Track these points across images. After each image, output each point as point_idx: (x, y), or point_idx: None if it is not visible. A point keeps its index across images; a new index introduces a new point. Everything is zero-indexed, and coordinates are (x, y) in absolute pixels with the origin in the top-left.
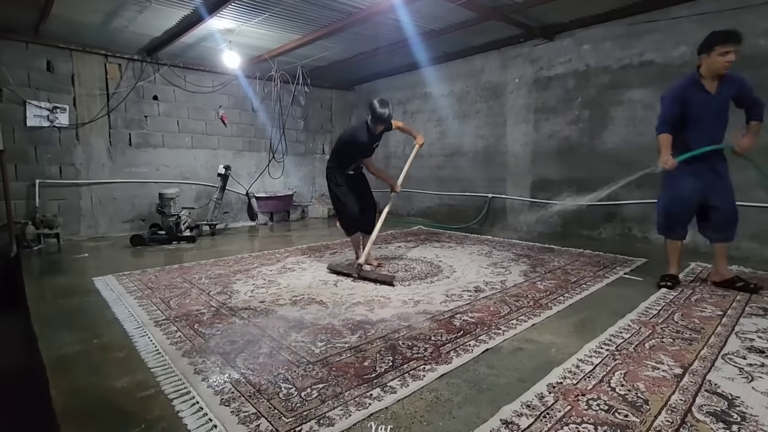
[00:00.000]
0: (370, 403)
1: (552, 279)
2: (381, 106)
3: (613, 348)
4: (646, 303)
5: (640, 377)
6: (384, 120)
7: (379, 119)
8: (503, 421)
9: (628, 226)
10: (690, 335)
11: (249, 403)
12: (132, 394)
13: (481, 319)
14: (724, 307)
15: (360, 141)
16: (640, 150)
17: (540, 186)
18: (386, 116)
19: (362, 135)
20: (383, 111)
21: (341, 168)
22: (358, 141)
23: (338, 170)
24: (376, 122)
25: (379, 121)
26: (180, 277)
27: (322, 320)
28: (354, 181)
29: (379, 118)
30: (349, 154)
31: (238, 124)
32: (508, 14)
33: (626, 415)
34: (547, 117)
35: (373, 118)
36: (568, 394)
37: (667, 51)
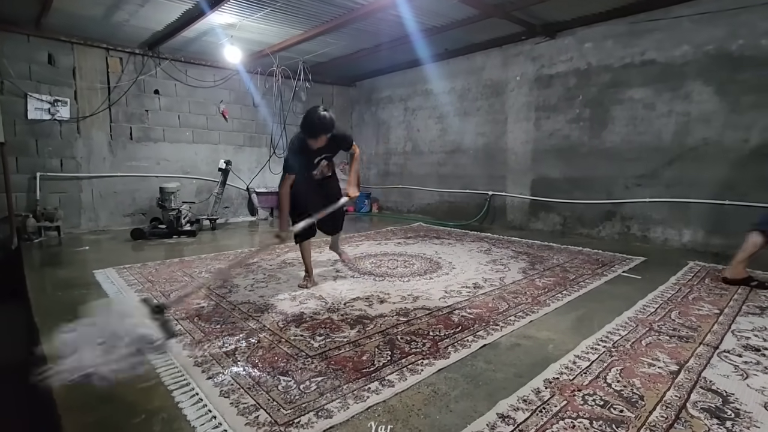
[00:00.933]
0: (368, 396)
1: (551, 276)
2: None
3: (610, 345)
4: (644, 301)
5: (636, 374)
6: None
7: (306, 131)
8: (500, 415)
9: (627, 224)
10: (687, 333)
11: (248, 395)
12: (132, 385)
13: (479, 315)
14: (721, 306)
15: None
16: (640, 149)
17: (540, 184)
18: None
19: (298, 150)
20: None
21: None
22: (291, 150)
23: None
24: (305, 134)
25: (307, 134)
26: (180, 270)
27: (321, 315)
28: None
29: (305, 129)
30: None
31: (239, 119)
32: (510, 12)
33: (621, 410)
34: (548, 115)
35: (302, 129)
36: (564, 390)
37: (669, 50)
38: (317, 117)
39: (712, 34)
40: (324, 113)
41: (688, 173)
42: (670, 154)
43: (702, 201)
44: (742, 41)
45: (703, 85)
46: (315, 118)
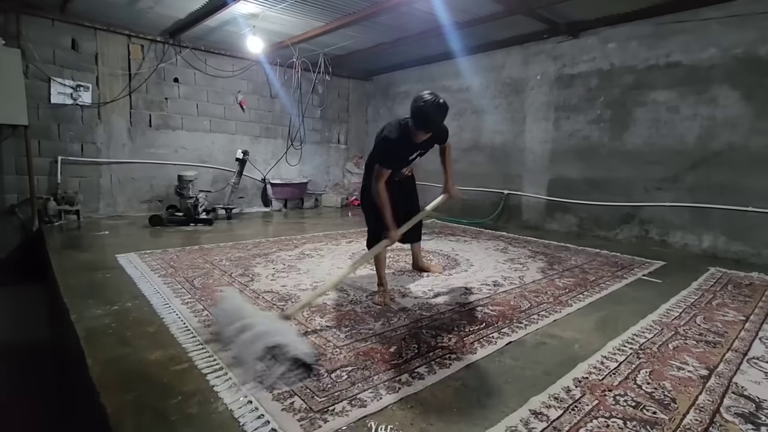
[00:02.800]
0: (399, 387)
1: (570, 277)
2: (429, 106)
3: (636, 347)
4: (666, 305)
5: (666, 376)
6: (427, 126)
7: (421, 123)
8: (532, 412)
9: (645, 228)
10: (713, 338)
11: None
12: (166, 367)
13: (502, 313)
14: (746, 313)
15: (389, 144)
16: (662, 152)
17: (557, 184)
18: (432, 122)
19: (397, 140)
20: (429, 113)
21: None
22: (387, 144)
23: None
24: (418, 127)
25: (421, 127)
26: (201, 258)
27: (344, 307)
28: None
29: (420, 121)
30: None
31: (256, 110)
32: (535, 9)
33: (654, 412)
34: (568, 115)
35: (415, 120)
36: (595, 389)
37: (695, 53)
38: (436, 105)
39: (741, 38)
40: (442, 101)
41: (711, 178)
42: (694, 158)
43: (725, 207)
44: None
45: (729, 89)
46: (434, 106)
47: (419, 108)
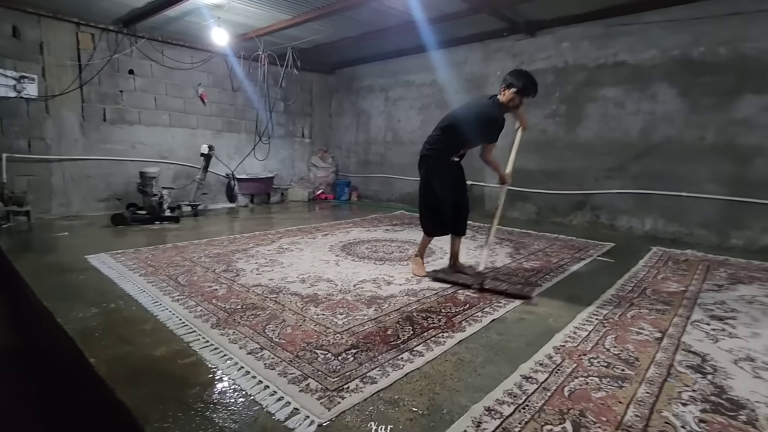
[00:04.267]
0: (403, 364)
1: (536, 260)
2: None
3: (601, 317)
4: (620, 281)
5: (628, 340)
6: (535, 93)
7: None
8: (523, 377)
9: (596, 213)
10: (662, 307)
11: (292, 366)
12: (174, 361)
13: (482, 294)
14: (686, 284)
15: (500, 121)
16: (610, 144)
17: (517, 175)
18: (537, 89)
19: (500, 114)
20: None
21: (448, 153)
22: (499, 121)
23: (441, 157)
24: (526, 95)
25: (531, 94)
26: (178, 255)
27: (335, 296)
28: (454, 172)
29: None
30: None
31: (217, 103)
32: (499, 9)
33: (623, 369)
34: (526, 110)
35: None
36: (572, 354)
37: (639, 53)
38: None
39: (678, 41)
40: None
41: (652, 167)
42: (637, 150)
43: (663, 193)
44: (703, 48)
45: (668, 87)
46: (532, 76)
47: (524, 77)
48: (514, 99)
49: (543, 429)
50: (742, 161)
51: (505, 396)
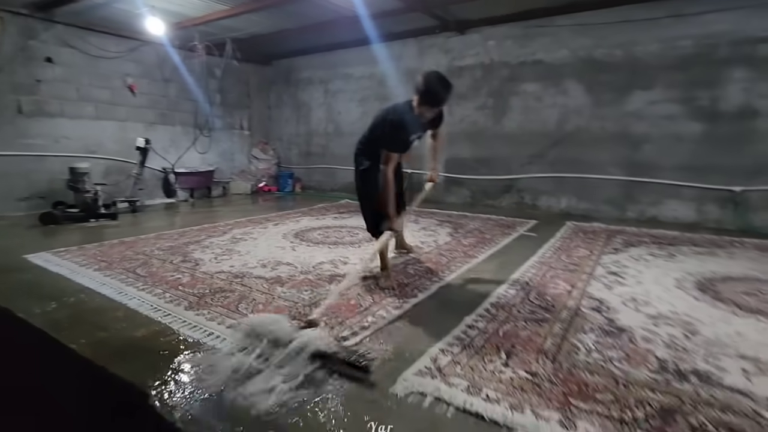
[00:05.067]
0: (368, 325)
1: (472, 237)
2: (440, 84)
3: (526, 279)
4: (542, 250)
5: (547, 293)
6: (438, 103)
7: (433, 100)
8: (467, 325)
9: (521, 195)
10: (573, 267)
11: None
12: (156, 339)
13: (428, 268)
14: (591, 249)
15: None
16: (531, 134)
17: (453, 163)
18: (443, 99)
19: (406, 122)
20: (441, 90)
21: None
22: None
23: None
24: (426, 104)
25: (432, 103)
26: (129, 250)
27: (297, 276)
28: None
29: (434, 98)
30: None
31: (148, 94)
32: (431, 8)
33: (543, 314)
34: (458, 103)
35: (425, 97)
36: (504, 307)
37: (553, 53)
38: (444, 80)
39: (584, 43)
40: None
41: (566, 154)
42: (554, 138)
43: (575, 175)
44: (603, 50)
45: (576, 83)
46: (443, 81)
47: (429, 82)
48: (421, 107)
49: (485, 359)
50: (634, 147)
51: (454, 340)
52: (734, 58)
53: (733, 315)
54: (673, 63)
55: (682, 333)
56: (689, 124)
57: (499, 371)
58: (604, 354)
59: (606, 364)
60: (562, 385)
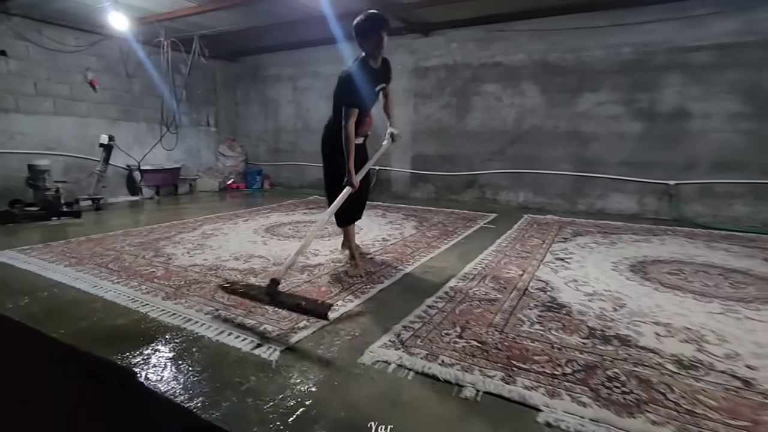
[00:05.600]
0: (338, 308)
1: (436, 230)
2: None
3: (483, 266)
4: (499, 240)
5: (501, 278)
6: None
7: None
8: (428, 306)
9: (483, 190)
10: (525, 255)
11: (247, 319)
12: (137, 326)
13: (394, 257)
14: (543, 239)
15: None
16: (492, 132)
17: (418, 160)
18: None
19: (359, 72)
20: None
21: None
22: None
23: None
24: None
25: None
26: (98, 247)
27: (270, 267)
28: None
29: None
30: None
31: (111, 90)
32: (396, 11)
33: (495, 295)
34: (424, 101)
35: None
36: (462, 290)
37: (511, 56)
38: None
39: (538, 47)
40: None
41: (523, 151)
42: (512, 136)
43: (531, 171)
44: (556, 54)
45: (532, 85)
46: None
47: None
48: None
49: (442, 332)
50: (584, 145)
51: (416, 318)
52: (669, 65)
53: (656, 291)
54: (616, 68)
55: (612, 307)
56: (631, 123)
57: (453, 342)
58: (545, 325)
59: (545, 333)
60: (506, 351)
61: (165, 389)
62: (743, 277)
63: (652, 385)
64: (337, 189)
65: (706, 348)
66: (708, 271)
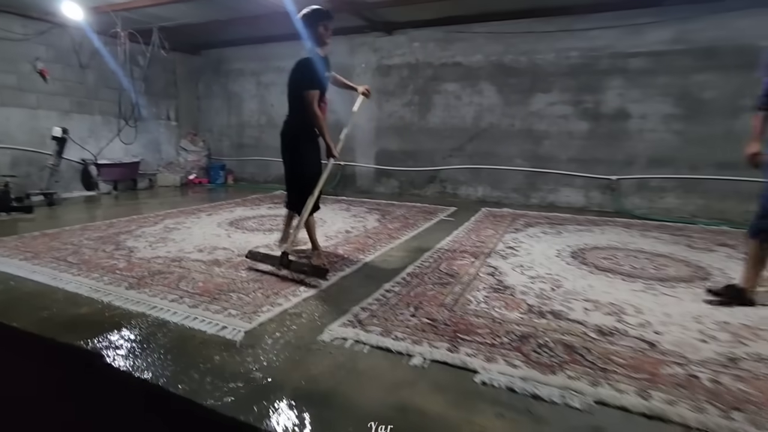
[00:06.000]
0: (301, 293)
1: (397, 222)
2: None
3: (440, 254)
4: (456, 231)
5: (455, 264)
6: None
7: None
8: (386, 290)
9: (444, 185)
10: (480, 244)
11: (212, 304)
12: (102, 314)
13: (356, 248)
14: (497, 230)
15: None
16: (452, 129)
17: (382, 155)
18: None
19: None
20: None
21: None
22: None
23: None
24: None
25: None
26: (55, 241)
27: (234, 259)
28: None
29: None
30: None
31: (62, 80)
32: (359, 10)
33: (448, 279)
34: (387, 99)
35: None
36: (418, 275)
37: (469, 56)
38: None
39: (495, 49)
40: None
41: (481, 147)
42: (471, 133)
43: (489, 167)
44: (511, 56)
45: (490, 85)
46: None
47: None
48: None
49: (396, 312)
50: (536, 142)
51: (374, 300)
52: (612, 69)
53: (590, 273)
54: (565, 70)
55: (550, 287)
56: (579, 123)
57: (407, 320)
58: (490, 304)
59: (489, 311)
60: (453, 326)
61: (130, 365)
62: (666, 260)
63: (574, 350)
64: (305, 180)
65: (624, 319)
66: (637, 255)
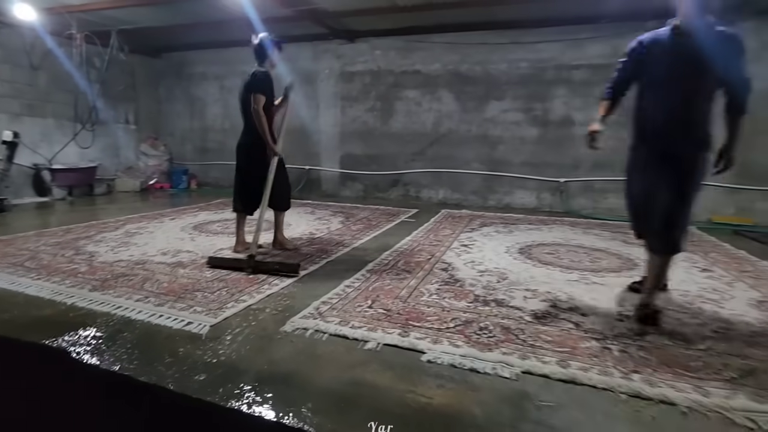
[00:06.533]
0: (264, 291)
1: (361, 224)
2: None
3: (399, 251)
4: (416, 231)
5: (413, 262)
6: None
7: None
8: (346, 285)
9: (406, 188)
10: (437, 243)
11: (177, 303)
12: (66, 315)
13: (321, 248)
14: (454, 230)
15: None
16: (413, 134)
17: (347, 160)
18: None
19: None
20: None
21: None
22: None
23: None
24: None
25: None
26: (9, 247)
27: (199, 261)
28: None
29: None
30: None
31: (11, 82)
32: (321, 18)
33: (405, 275)
34: (351, 104)
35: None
36: (377, 271)
37: (428, 65)
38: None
39: (452, 58)
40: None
41: (441, 152)
42: (431, 138)
43: (449, 170)
44: (467, 65)
45: (448, 92)
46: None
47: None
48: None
49: (355, 305)
50: (492, 147)
51: (334, 295)
52: (557, 79)
53: (533, 267)
54: (517, 80)
55: (497, 279)
56: (529, 129)
57: (364, 311)
58: (441, 295)
59: (440, 301)
60: (406, 315)
61: (95, 359)
62: (601, 254)
63: (510, 331)
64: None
65: (558, 305)
66: (577, 250)
